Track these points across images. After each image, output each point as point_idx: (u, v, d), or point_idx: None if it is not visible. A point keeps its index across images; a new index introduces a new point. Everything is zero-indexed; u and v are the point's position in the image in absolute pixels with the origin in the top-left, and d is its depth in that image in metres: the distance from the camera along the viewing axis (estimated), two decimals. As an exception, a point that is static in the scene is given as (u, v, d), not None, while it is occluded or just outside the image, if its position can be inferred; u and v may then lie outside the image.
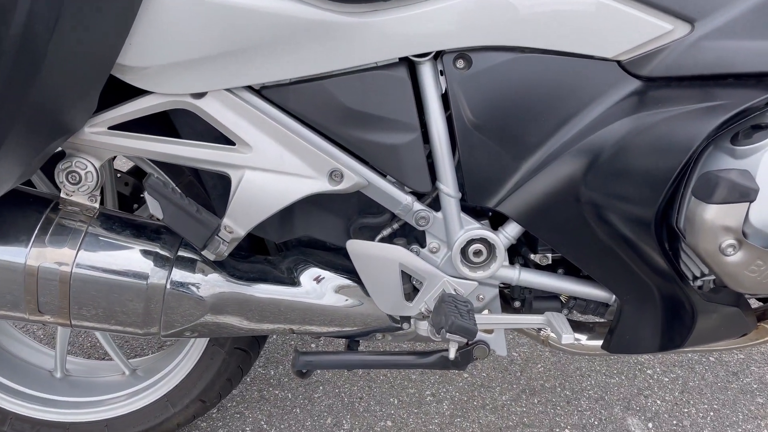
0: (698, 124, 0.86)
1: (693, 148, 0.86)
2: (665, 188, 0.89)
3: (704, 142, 0.87)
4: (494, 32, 0.98)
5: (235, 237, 1.03)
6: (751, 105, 0.85)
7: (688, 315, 1.00)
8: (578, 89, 0.99)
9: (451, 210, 1.07)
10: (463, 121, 1.02)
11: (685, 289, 0.98)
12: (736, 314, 1.02)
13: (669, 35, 0.93)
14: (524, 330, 1.27)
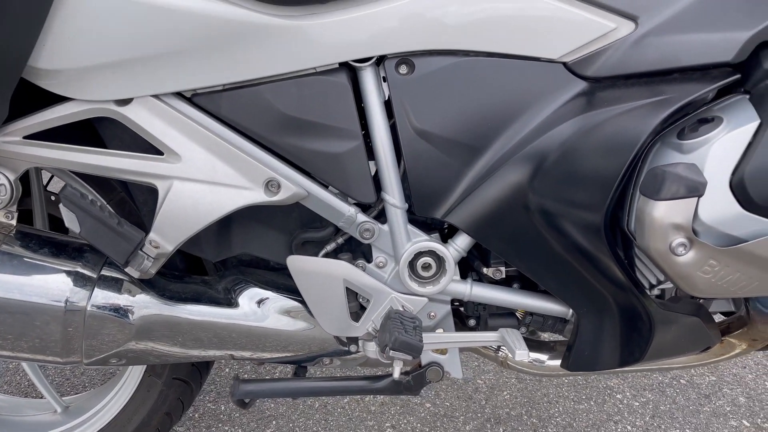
0: (643, 121, 0.82)
1: (638, 145, 0.82)
2: (612, 189, 0.84)
3: (650, 138, 0.83)
4: (437, 36, 0.95)
5: (161, 252, 0.95)
6: (695, 98, 0.81)
7: (645, 326, 0.95)
8: (524, 92, 0.95)
9: (397, 222, 1.01)
10: (408, 128, 0.97)
11: (642, 299, 0.93)
12: (697, 325, 0.96)
13: (613, 34, 0.90)
14: (482, 351, 1.21)
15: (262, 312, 1.05)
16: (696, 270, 0.82)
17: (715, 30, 0.82)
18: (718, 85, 0.82)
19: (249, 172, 0.96)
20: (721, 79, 0.82)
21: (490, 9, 0.93)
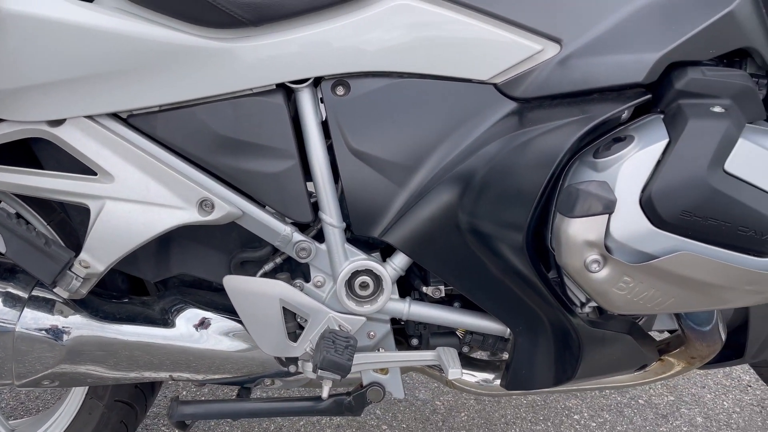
0: (560, 140, 0.84)
1: (555, 164, 0.83)
2: (532, 207, 0.85)
3: (567, 157, 0.84)
4: (372, 58, 0.96)
5: (92, 273, 0.95)
6: (608, 117, 0.83)
7: (575, 345, 0.95)
8: (457, 112, 0.97)
9: (335, 241, 1.02)
10: (344, 148, 0.99)
11: (569, 317, 0.93)
12: (629, 343, 0.97)
13: (539, 56, 0.92)
14: (427, 371, 1.21)
15: (200, 333, 1.04)
16: (611, 286, 0.82)
17: (629, 52, 0.84)
18: (629, 105, 0.83)
19: (183, 192, 0.97)
20: (633, 99, 0.83)
21: (422, 32, 0.95)
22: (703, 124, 0.78)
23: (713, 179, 0.77)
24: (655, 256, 0.80)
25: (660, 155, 0.78)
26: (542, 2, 0.92)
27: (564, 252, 0.82)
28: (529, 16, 0.92)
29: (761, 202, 0.77)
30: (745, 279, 0.81)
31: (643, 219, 0.79)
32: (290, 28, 0.96)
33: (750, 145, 0.78)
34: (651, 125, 0.83)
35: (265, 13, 0.94)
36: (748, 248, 0.80)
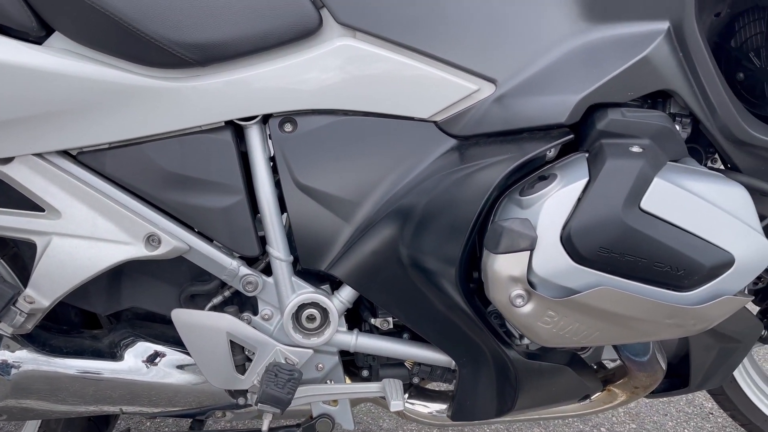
0: (488, 177, 0.87)
1: (483, 200, 0.86)
2: (464, 242, 0.88)
3: (494, 194, 0.87)
4: (318, 96, 0.99)
5: (36, 308, 0.96)
6: (532, 156, 0.86)
7: (512, 376, 0.97)
8: (400, 149, 1.00)
9: (282, 274, 1.04)
10: (291, 184, 1.01)
11: (504, 349, 0.95)
12: (567, 374, 0.99)
13: (476, 95, 0.95)
14: (380, 402, 1.22)
15: (149, 366, 1.06)
16: (536, 321, 0.85)
17: (555, 93, 0.88)
18: (553, 144, 0.87)
19: (130, 228, 0.99)
20: (558, 139, 0.87)
21: (365, 71, 0.98)
22: (619, 163, 0.81)
23: (628, 217, 0.80)
24: (576, 291, 0.83)
25: (580, 193, 0.81)
26: (479, 44, 0.95)
27: (491, 287, 0.85)
28: (466, 57, 0.95)
29: (676, 239, 0.80)
30: (665, 313, 0.83)
31: (563, 255, 0.81)
32: (238, 67, 0.99)
33: (665, 183, 0.81)
34: (574, 164, 0.86)
35: (212, 54, 0.97)
36: (665, 283, 0.83)
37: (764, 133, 0.89)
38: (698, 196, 0.81)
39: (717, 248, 0.81)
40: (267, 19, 0.97)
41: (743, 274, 0.83)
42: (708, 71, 0.84)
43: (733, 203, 0.82)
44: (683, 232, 0.81)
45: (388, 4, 0.97)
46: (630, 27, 0.87)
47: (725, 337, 1.08)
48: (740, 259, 0.82)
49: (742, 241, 0.82)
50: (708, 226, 0.81)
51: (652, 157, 0.82)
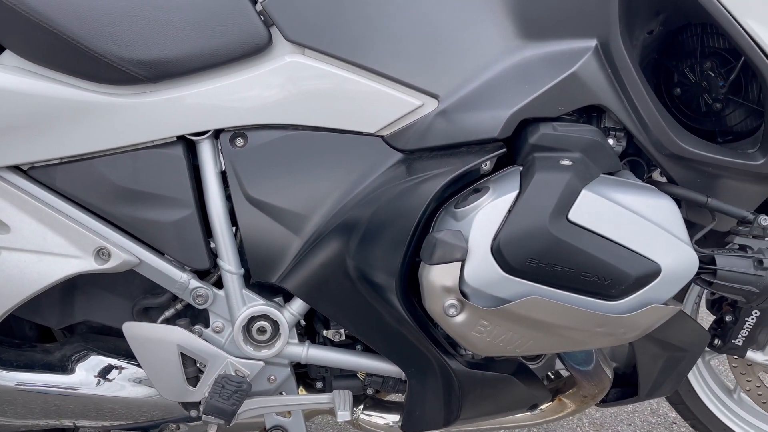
0: (426, 190, 0.89)
1: (420, 213, 0.88)
2: (403, 253, 0.90)
3: (431, 206, 0.89)
4: (268, 111, 1.01)
5: (-19, 322, 0.98)
6: (467, 170, 0.89)
7: (456, 385, 0.98)
8: (348, 163, 1.02)
9: (233, 287, 1.05)
10: (241, 197, 1.03)
11: (446, 359, 0.97)
12: (512, 383, 1.00)
13: (420, 110, 0.98)
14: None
15: (101, 379, 1.06)
16: (470, 330, 0.86)
17: (490, 108, 0.90)
18: (486, 158, 0.89)
19: (79, 242, 1.00)
20: (491, 153, 0.89)
21: (314, 87, 1.00)
22: (548, 176, 0.83)
23: (555, 228, 0.82)
24: (507, 301, 0.84)
25: (510, 205, 0.84)
26: (423, 61, 0.98)
27: (426, 297, 0.86)
28: (411, 73, 0.97)
29: (603, 249, 0.82)
30: (595, 321, 0.85)
31: (494, 266, 0.83)
32: (189, 83, 1.01)
33: (593, 195, 0.83)
34: (507, 177, 0.88)
35: (162, 71, 0.99)
36: (594, 292, 0.85)
37: (695, 146, 0.91)
38: (626, 208, 0.84)
39: (643, 258, 0.83)
40: (217, 37, 0.99)
41: (670, 283, 0.85)
42: (636, 87, 0.87)
43: (661, 215, 0.85)
44: (610, 242, 0.83)
45: (336, 23, 0.99)
46: (560, 45, 0.89)
47: (671, 346, 1.10)
48: (667, 268, 0.84)
49: (668, 252, 0.84)
50: (635, 236, 0.83)
51: (581, 169, 0.84)
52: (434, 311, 0.87)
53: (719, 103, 0.97)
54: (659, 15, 0.94)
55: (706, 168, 0.96)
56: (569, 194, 0.82)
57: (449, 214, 0.89)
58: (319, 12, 0.99)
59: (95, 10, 0.96)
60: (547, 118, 0.89)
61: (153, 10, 0.98)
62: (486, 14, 0.94)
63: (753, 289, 0.92)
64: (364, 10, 0.99)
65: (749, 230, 0.95)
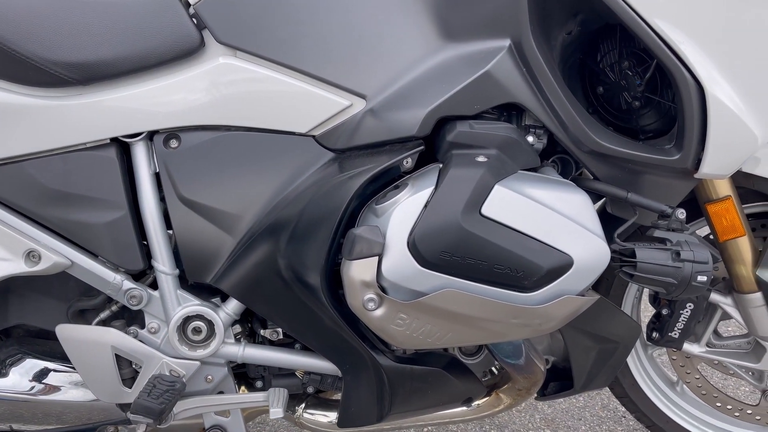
0: (348, 188, 0.90)
1: (342, 210, 0.90)
2: (326, 251, 0.91)
3: (354, 203, 0.91)
4: (200, 112, 1.02)
5: None
6: (386, 167, 0.91)
7: (386, 381, 1.00)
8: (281, 163, 1.03)
9: (168, 287, 1.06)
10: (175, 198, 1.03)
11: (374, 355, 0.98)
12: (442, 377, 1.02)
13: (349, 110, 0.99)
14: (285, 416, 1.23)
15: (36, 382, 1.06)
16: (389, 323, 0.88)
17: (411, 107, 0.92)
18: (405, 155, 0.91)
19: (9, 244, 1.00)
20: (411, 150, 0.91)
21: (245, 88, 1.01)
22: (461, 172, 0.85)
23: (467, 222, 0.84)
24: (424, 294, 0.86)
25: (426, 201, 0.86)
26: (351, 62, 0.99)
27: (347, 293, 0.88)
28: (339, 74, 0.99)
29: (515, 242, 0.85)
30: (510, 313, 0.87)
31: (411, 260, 0.85)
32: (121, 85, 1.02)
33: (505, 190, 0.86)
34: (427, 174, 0.90)
35: (92, 73, 1.00)
36: (507, 284, 0.87)
37: (613, 143, 0.94)
38: (538, 202, 0.86)
39: (555, 251, 0.86)
40: (148, 39, 1.00)
41: (583, 275, 0.87)
42: (551, 86, 0.90)
43: (573, 209, 0.87)
44: (522, 235, 0.85)
45: (266, 25, 1.01)
46: (476, 45, 0.92)
47: (602, 338, 1.13)
48: (579, 260, 0.86)
49: (580, 244, 0.87)
50: (546, 230, 0.86)
51: (495, 165, 0.86)
52: (354, 306, 0.88)
53: (638, 101, 1.00)
54: (576, 16, 0.97)
55: (626, 164, 0.98)
56: (482, 189, 0.84)
57: (371, 210, 0.91)
58: (250, 15, 1.01)
59: (23, 13, 0.97)
60: (466, 117, 0.92)
61: (82, 12, 0.99)
62: (409, 17, 0.96)
63: (671, 280, 0.94)
64: (294, 14, 1.01)
65: (668, 224, 0.98)
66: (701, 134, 0.92)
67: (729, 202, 1.15)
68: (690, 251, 0.94)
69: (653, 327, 1.33)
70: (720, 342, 1.37)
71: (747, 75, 0.91)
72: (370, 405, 1.03)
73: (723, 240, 1.18)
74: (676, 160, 0.95)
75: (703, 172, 0.96)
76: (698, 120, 0.91)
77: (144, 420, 0.94)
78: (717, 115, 0.91)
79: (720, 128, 0.92)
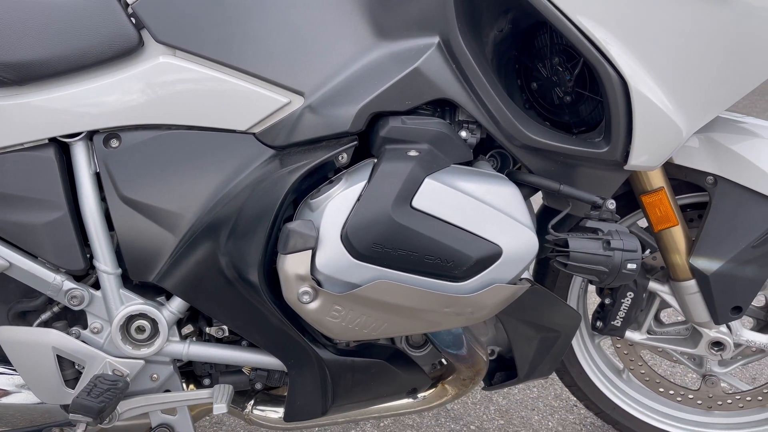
0: (283, 184, 0.92)
1: (277, 206, 0.91)
2: (263, 247, 0.92)
3: (289, 199, 0.92)
4: (140, 111, 1.03)
5: None
6: (320, 162, 0.92)
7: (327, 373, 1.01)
8: (222, 160, 1.03)
9: (110, 287, 1.06)
10: (116, 198, 1.03)
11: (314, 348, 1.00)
12: (385, 369, 1.04)
13: (288, 107, 1.01)
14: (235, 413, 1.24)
15: (-24, 385, 1.05)
16: (324, 316, 0.90)
17: (345, 103, 0.94)
18: (339, 151, 0.93)
19: (-56, 247, 0.99)
20: (345, 146, 0.93)
21: (185, 87, 1.02)
22: (392, 166, 0.88)
23: (398, 214, 0.86)
24: (357, 286, 0.88)
25: (359, 195, 0.87)
26: (289, 60, 1.01)
27: (283, 287, 0.89)
28: (277, 72, 1.00)
29: (445, 234, 0.87)
30: (442, 302, 0.90)
31: (344, 252, 0.87)
32: (59, 85, 1.01)
33: (435, 183, 0.88)
34: (360, 169, 0.92)
35: (28, 73, 0.99)
36: (439, 274, 0.89)
37: (544, 137, 0.97)
38: (468, 194, 0.88)
39: (485, 241, 0.88)
40: (85, 38, 1.00)
41: (512, 264, 0.90)
42: (480, 82, 0.92)
43: (502, 200, 0.90)
44: (452, 227, 0.88)
45: (205, 24, 1.01)
46: (407, 42, 0.94)
47: (543, 328, 1.16)
48: (508, 250, 0.89)
49: (509, 234, 0.89)
50: (476, 221, 0.88)
51: (427, 159, 0.89)
52: (290, 299, 0.90)
53: (569, 96, 1.03)
54: (507, 14, 1.00)
55: (559, 157, 1.01)
56: (413, 182, 0.86)
57: (306, 205, 0.93)
58: (189, 14, 1.01)
59: (-45, 14, 0.96)
60: (399, 112, 0.94)
61: (17, 12, 0.98)
62: (343, 16, 0.98)
63: (603, 268, 0.98)
64: (233, 13, 1.02)
65: (599, 214, 1.02)
66: (628, 128, 0.96)
67: (662, 193, 1.20)
68: (620, 240, 0.98)
69: (597, 317, 1.37)
70: (661, 329, 1.41)
71: (670, 71, 0.95)
72: (314, 398, 1.04)
73: (658, 230, 1.22)
74: (605, 152, 0.98)
75: (632, 164, 1.00)
76: (624, 114, 0.95)
77: (83, 419, 0.94)
78: (642, 110, 0.95)
79: (645, 122, 0.95)
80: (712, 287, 1.19)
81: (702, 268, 1.19)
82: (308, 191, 0.96)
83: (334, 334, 0.93)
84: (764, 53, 0.95)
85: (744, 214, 1.15)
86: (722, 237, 1.17)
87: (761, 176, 1.13)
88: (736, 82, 0.97)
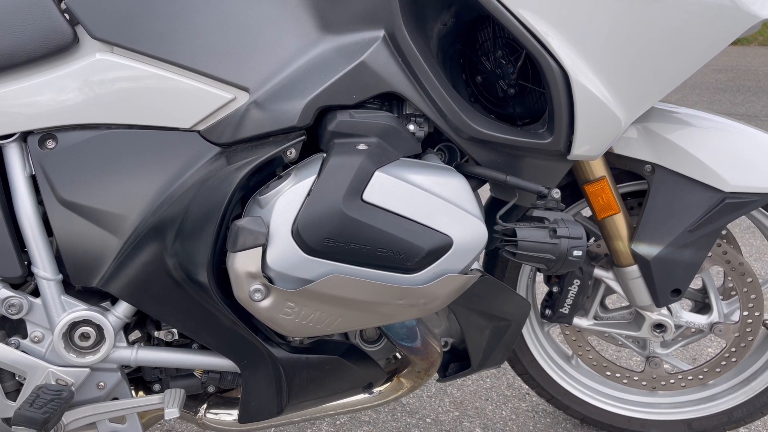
0: (229, 182, 0.90)
1: (225, 203, 0.90)
2: (211, 245, 0.91)
3: (237, 196, 0.91)
4: (77, 111, 0.99)
5: None
6: (268, 158, 0.92)
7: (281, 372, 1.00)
8: (165, 159, 1.01)
9: (50, 294, 1.02)
10: (54, 201, 0.99)
11: (268, 346, 0.99)
12: (339, 365, 1.04)
13: (232, 104, 0.99)
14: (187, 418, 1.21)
15: None
16: (277, 313, 0.89)
17: (292, 98, 0.93)
18: (286, 146, 0.92)
19: None
20: (293, 140, 0.92)
21: (124, 84, 0.99)
22: (342, 160, 0.88)
23: (348, 208, 0.86)
24: (310, 281, 0.88)
25: (309, 189, 0.87)
26: (232, 55, 0.99)
27: (234, 285, 0.88)
28: (220, 67, 0.99)
29: (396, 226, 0.88)
30: (396, 294, 0.90)
31: (295, 248, 0.86)
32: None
33: (385, 176, 0.88)
34: (310, 164, 0.92)
35: (-45, 72, 0.94)
36: (391, 266, 0.90)
37: (489, 129, 0.98)
38: (418, 187, 0.89)
39: (435, 232, 0.89)
40: (15, 36, 0.96)
41: (463, 254, 0.91)
42: (426, 75, 0.93)
43: (451, 191, 0.91)
44: (403, 219, 0.88)
45: (142, 20, 0.99)
46: (353, 36, 0.94)
47: (494, 317, 1.18)
48: (458, 240, 0.90)
49: (459, 225, 0.90)
50: (426, 212, 0.89)
51: (376, 153, 0.89)
52: (241, 298, 0.88)
53: (512, 88, 1.05)
54: (451, 7, 1.01)
55: (504, 149, 1.03)
56: (362, 176, 0.86)
57: (255, 202, 0.91)
58: (125, 9, 0.98)
59: None
60: (347, 106, 0.93)
61: (-60, 8, 0.93)
62: (287, 9, 0.97)
63: (550, 256, 1.00)
64: (171, 7, 0.99)
65: (545, 203, 1.04)
66: (570, 119, 0.98)
67: (604, 182, 1.23)
68: (565, 228, 1.00)
69: (546, 305, 1.41)
70: (606, 314, 1.46)
71: (607, 62, 0.98)
72: (269, 398, 1.03)
73: (601, 218, 1.26)
74: (549, 143, 1.00)
75: (575, 154, 1.02)
76: (566, 105, 0.97)
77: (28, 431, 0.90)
78: (582, 101, 0.97)
79: (586, 113, 0.98)
80: (653, 271, 1.23)
81: (643, 254, 1.23)
82: (257, 188, 0.94)
83: (287, 331, 0.92)
84: (695, 45, 0.99)
85: (681, 200, 1.20)
86: (661, 223, 1.21)
87: (696, 163, 1.18)
88: (670, 73, 1.01)
